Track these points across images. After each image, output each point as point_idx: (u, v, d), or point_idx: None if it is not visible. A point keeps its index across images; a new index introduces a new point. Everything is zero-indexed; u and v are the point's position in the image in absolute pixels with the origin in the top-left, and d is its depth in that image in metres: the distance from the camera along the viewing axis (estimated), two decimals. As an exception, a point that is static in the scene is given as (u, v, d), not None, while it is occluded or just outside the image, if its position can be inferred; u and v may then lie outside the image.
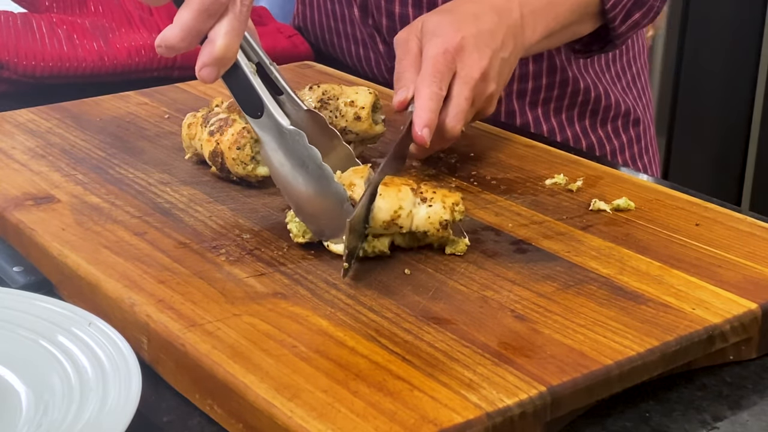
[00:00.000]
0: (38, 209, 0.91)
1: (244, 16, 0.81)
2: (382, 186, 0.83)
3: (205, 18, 0.80)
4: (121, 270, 0.81)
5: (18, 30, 1.33)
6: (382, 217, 0.82)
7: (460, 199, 0.84)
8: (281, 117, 0.84)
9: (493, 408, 0.66)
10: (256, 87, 0.84)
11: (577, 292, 0.79)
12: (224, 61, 0.82)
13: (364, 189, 0.84)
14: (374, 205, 0.82)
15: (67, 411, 0.67)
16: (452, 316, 0.76)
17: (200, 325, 0.74)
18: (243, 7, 0.81)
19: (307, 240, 0.85)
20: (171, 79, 1.32)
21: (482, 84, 1.02)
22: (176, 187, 0.96)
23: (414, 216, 0.83)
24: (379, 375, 0.69)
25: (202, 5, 0.79)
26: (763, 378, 0.77)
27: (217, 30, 0.80)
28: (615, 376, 0.71)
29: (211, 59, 0.81)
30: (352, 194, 0.84)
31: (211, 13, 0.80)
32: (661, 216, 0.92)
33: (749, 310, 0.78)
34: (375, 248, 0.83)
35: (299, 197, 0.85)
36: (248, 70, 0.84)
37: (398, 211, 0.82)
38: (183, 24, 0.80)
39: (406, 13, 1.30)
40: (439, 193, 0.84)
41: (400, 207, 0.82)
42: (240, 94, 0.85)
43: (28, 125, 1.10)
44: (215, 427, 0.70)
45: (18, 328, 0.75)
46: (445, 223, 0.83)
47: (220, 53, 0.80)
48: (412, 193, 0.83)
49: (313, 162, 0.84)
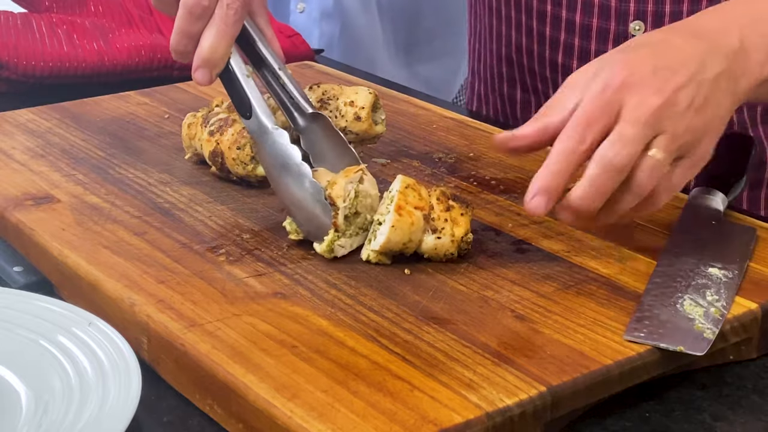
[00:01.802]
0: (38, 209, 0.91)
1: (230, 19, 0.85)
2: (396, 214, 0.81)
3: (193, 20, 0.85)
4: (121, 270, 0.81)
5: (18, 30, 1.33)
6: (390, 247, 0.82)
7: (469, 229, 0.83)
8: (266, 118, 0.86)
9: (493, 408, 0.66)
10: (245, 88, 0.87)
11: (577, 292, 0.79)
12: (211, 63, 0.86)
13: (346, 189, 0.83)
14: (385, 232, 0.81)
15: (67, 411, 0.67)
16: (452, 316, 0.76)
17: (200, 325, 0.74)
18: (230, 10, 0.85)
19: (301, 237, 0.85)
20: (171, 79, 1.32)
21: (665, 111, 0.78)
22: (176, 187, 0.96)
23: (422, 242, 0.83)
24: (379, 375, 0.69)
25: (186, 8, 0.85)
26: (763, 378, 0.77)
27: (205, 33, 0.85)
28: (615, 376, 0.71)
29: (199, 61, 0.86)
30: (330, 192, 0.83)
31: (196, 14, 0.85)
32: (661, 216, 0.92)
33: (749, 310, 0.78)
34: (379, 260, 0.83)
35: (283, 196, 0.86)
36: (239, 71, 0.87)
37: (407, 244, 0.82)
38: (176, 27, 0.86)
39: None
40: (449, 223, 0.83)
41: (410, 240, 0.82)
42: (233, 95, 0.88)
43: (28, 125, 1.10)
44: (215, 427, 0.70)
45: (18, 328, 0.75)
46: (450, 256, 0.83)
47: (205, 54, 0.85)
48: (425, 221, 0.82)
49: (293, 160, 0.85)
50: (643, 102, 0.77)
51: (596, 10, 1.11)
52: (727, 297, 0.78)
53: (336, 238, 0.83)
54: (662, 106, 0.77)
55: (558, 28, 1.14)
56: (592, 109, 0.78)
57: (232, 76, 0.87)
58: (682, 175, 0.80)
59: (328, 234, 0.83)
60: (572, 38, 1.14)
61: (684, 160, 0.80)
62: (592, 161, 0.77)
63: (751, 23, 0.84)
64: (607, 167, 0.77)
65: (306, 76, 1.27)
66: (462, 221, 0.83)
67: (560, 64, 1.16)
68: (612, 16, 1.11)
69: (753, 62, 0.83)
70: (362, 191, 0.84)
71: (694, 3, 1.09)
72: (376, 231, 0.83)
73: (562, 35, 1.15)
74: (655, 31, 0.86)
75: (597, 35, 1.12)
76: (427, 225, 0.82)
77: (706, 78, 0.80)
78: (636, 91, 0.78)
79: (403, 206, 0.81)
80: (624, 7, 1.10)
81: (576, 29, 1.13)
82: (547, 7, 1.15)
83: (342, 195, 0.83)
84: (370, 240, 0.83)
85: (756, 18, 0.85)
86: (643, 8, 1.09)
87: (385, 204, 0.84)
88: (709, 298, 0.78)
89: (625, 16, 1.10)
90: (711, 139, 0.81)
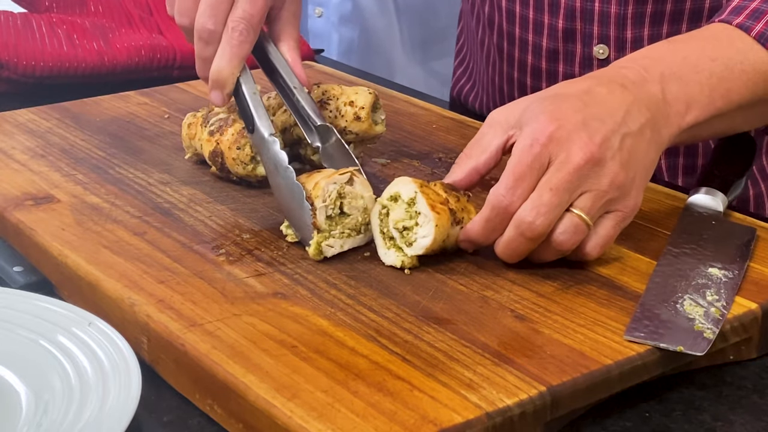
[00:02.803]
0: (38, 209, 0.91)
1: (235, 41, 0.90)
2: (434, 213, 0.80)
3: (203, 45, 0.91)
4: (121, 270, 0.81)
5: (18, 30, 1.33)
6: (434, 248, 0.82)
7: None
8: (265, 129, 0.88)
9: (493, 408, 0.66)
10: (249, 104, 0.90)
11: (577, 292, 0.79)
12: (219, 83, 0.91)
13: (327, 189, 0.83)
14: (428, 234, 0.81)
15: (67, 411, 0.67)
16: (452, 316, 0.76)
17: (200, 325, 0.74)
18: (234, 32, 0.90)
19: (298, 239, 0.85)
20: (171, 79, 1.32)
21: (590, 169, 0.78)
22: (176, 187, 0.96)
23: (449, 236, 0.83)
24: (379, 375, 0.69)
25: (197, 34, 0.91)
26: (763, 378, 0.77)
27: (216, 55, 0.90)
28: (615, 376, 0.71)
29: (210, 82, 0.91)
30: (311, 193, 0.83)
31: (205, 39, 0.91)
32: (661, 216, 0.92)
33: (749, 310, 0.78)
34: (413, 265, 0.83)
35: (278, 200, 0.88)
36: (246, 89, 0.91)
37: (446, 240, 0.82)
38: (196, 52, 0.92)
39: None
40: (465, 212, 0.83)
41: (448, 236, 0.82)
42: (242, 110, 0.92)
43: (28, 125, 1.10)
44: (215, 427, 0.70)
45: (18, 328, 0.75)
46: None
47: (213, 75, 0.90)
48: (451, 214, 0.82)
49: (281, 165, 0.86)
50: (568, 159, 0.78)
51: (560, 35, 1.14)
52: (728, 297, 0.78)
53: (322, 239, 0.83)
54: (587, 164, 0.78)
55: (525, 51, 1.18)
56: (521, 167, 0.78)
57: (239, 94, 0.91)
58: (612, 229, 0.81)
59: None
60: (539, 61, 1.17)
61: (612, 214, 0.81)
62: (511, 223, 0.79)
63: (670, 74, 0.85)
64: (525, 233, 0.79)
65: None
66: (470, 207, 0.84)
67: (529, 86, 1.19)
68: (577, 39, 1.14)
69: (673, 113, 0.84)
70: (350, 192, 0.84)
71: (654, 28, 1.11)
72: (406, 238, 0.82)
73: (529, 58, 1.17)
74: (577, 79, 0.86)
75: (564, 58, 1.15)
76: (452, 217, 0.82)
77: (631, 130, 0.80)
78: (563, 146, 0.78)
79: (434, 205, 0.81)
80: (588, 30, 1.12)
81: (543, 53, 1.16)
82: (515, 30, 1.18)
83: (321, 195, 0.83)
84: (400, 247, 0.82)
85: (675, 68, 0.86)
86: (606, 32, 1.12)
87: (376, 213, 0.83)
88: (709, 298, 0.78)
89: (590, 40, 1.13)
90: (638, 191, 0.81)
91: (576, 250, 0.81)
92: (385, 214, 0.83)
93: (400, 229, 0.82)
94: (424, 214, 0.81)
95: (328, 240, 0.83)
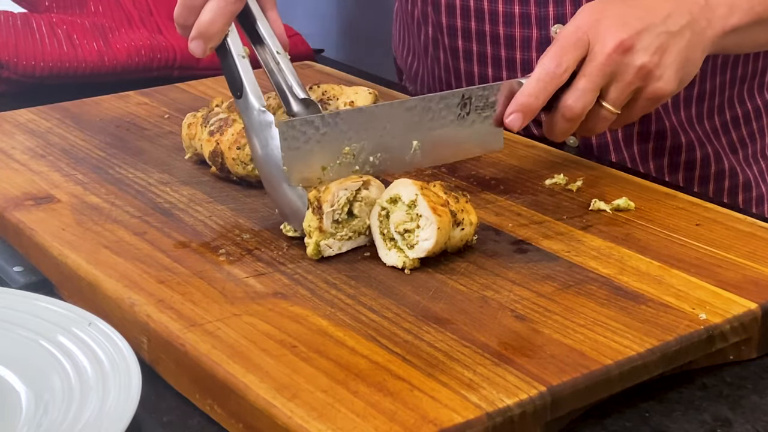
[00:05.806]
0: (38, 209, 0.91)
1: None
2: (436, 215, 0.81)
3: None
4: (121, 270, 0.81)
5: (18, 30, 1.33)
6: (436, 250, 0.82)
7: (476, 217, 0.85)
8: (256, 99, 0.87)
9: (493, 408, 0.66)
10: (238, 67, 0.88)
11: (577, 292, 0.79)
12: (207, 36, 0.89)
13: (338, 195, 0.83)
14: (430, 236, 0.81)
15: (67, 411, 0.67)
16: (452, 316, 0.76)
17: (200, 325, 0.74)
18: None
19: (297, 234, 0.85)
20: (171, 79, 1.32)
21: (620, 57, 0.91)
22: (176, 187, 0.96)
23: (450, 238, 0.83)
24: (379, 375, 0.69)
25: None
26: (763, 378, 0.77)
27: (206, 6, 0.88)
28: (615, 376, 0.71)
29: (195, 32, 0.89)
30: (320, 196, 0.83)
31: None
32: (661, 216, 0.92)
33: (749, 310, 0.78)
34: (414, 266, 0.83)
35: (265, 181, 0.87)
36: (235, 50, 0.89)
37: (447, 242, 0.82)
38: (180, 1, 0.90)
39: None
40: (465, 213, 0.83)
41: (449, 237, 0.82)
42: (227, 73, 0.89)
43: (28, 125, 1.10)
44: (215, 427, 0.70)
45: (18, 328, 0.75)
46: (472, 242, 0.85)
47: (203, 27, 0.88)
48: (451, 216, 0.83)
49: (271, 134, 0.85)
50: (602, 47, 0.90)
51: (517, 20, 1.15)
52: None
53: (322, 239, 0.83)
54: (616, 50, 0.91)
55: (483, 43, 1.18)
56: (565, 42, 0.91)
57: (227, 54, 0.89)
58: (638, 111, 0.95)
59: (303, 218, 0.83)
60: (498, 50, 1.17)
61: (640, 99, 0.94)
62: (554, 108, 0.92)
63: None
64: (565, 114, 0.92)
65: (306, 76, 1.27)
66: (469, 208, 0.84)
67: (490, 77, 1.19)
68: (533, 23, 1.14)
69: (717, 15, 0.95)
70: (365, 197, 0.84)
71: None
72: (408, 240, 0.82)
73: (488, 49, 1.18)
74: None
75: (521, 44, 1.16)
76: (453, 219, 0.82)
77: (669, 30, 0.92)
78: (600, 35, 0.91)
79: (435, 207, 0.81)
80: (543, 13, 1.13)
81: (501, 41, 1.16)
82: (471, 24, 1.18)
83: (330, 200, 0.83)
84: (402, 249, 0.82)
85: None
86: (562, 11, 1.12)
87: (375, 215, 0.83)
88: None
89: (546, 21, 1.13)
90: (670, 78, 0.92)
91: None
92: (384, 215, 0.83)
93: (401, 232, 0.82)
94: (425, 216, 0.81)
95: (327, 240, 0.83)
